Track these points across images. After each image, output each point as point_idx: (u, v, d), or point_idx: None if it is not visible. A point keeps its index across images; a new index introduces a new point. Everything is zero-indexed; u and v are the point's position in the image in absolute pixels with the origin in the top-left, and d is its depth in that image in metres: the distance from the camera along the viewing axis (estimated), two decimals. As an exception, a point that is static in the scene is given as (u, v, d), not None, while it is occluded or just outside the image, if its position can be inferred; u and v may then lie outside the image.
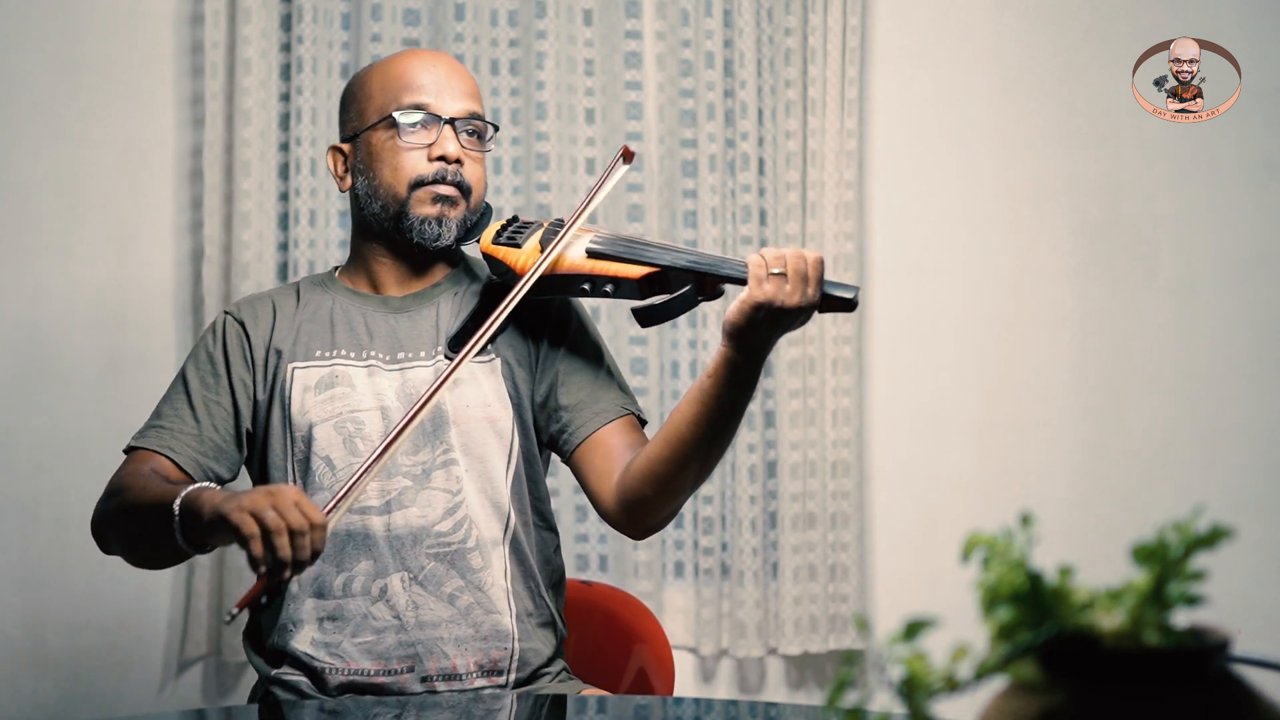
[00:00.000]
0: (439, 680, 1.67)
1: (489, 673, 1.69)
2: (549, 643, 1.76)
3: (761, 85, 2.71)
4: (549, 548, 1.80)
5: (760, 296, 1.50)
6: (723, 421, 1.58)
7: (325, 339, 1.77)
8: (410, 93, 1.75)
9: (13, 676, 2.48)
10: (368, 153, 1.77)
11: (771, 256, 1.51)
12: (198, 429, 1.73)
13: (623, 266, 1.65)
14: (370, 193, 1.77)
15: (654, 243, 1.69)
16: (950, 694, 0.67)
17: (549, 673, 1.75)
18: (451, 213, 1.75)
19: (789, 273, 1.50)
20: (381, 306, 1.79)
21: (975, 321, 2.83)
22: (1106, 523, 2.72)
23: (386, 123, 1.75)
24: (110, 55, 2.55)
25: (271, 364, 1.76)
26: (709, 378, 1.57)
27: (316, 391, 1.73)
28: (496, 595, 1.70)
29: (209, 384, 1.76)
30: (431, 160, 1.74)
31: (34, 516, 2.49)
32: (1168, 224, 2.86)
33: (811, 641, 2.69)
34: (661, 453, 1.62)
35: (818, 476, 2.70)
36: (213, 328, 1.81)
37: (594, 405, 1.75)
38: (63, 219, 2.53)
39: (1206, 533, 0.67)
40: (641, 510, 1.67)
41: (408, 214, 1.74)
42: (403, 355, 1.75)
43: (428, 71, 1.77)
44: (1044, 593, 0.68)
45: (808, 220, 2.71)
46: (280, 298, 1.83)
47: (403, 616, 1.67)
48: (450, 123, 1.75)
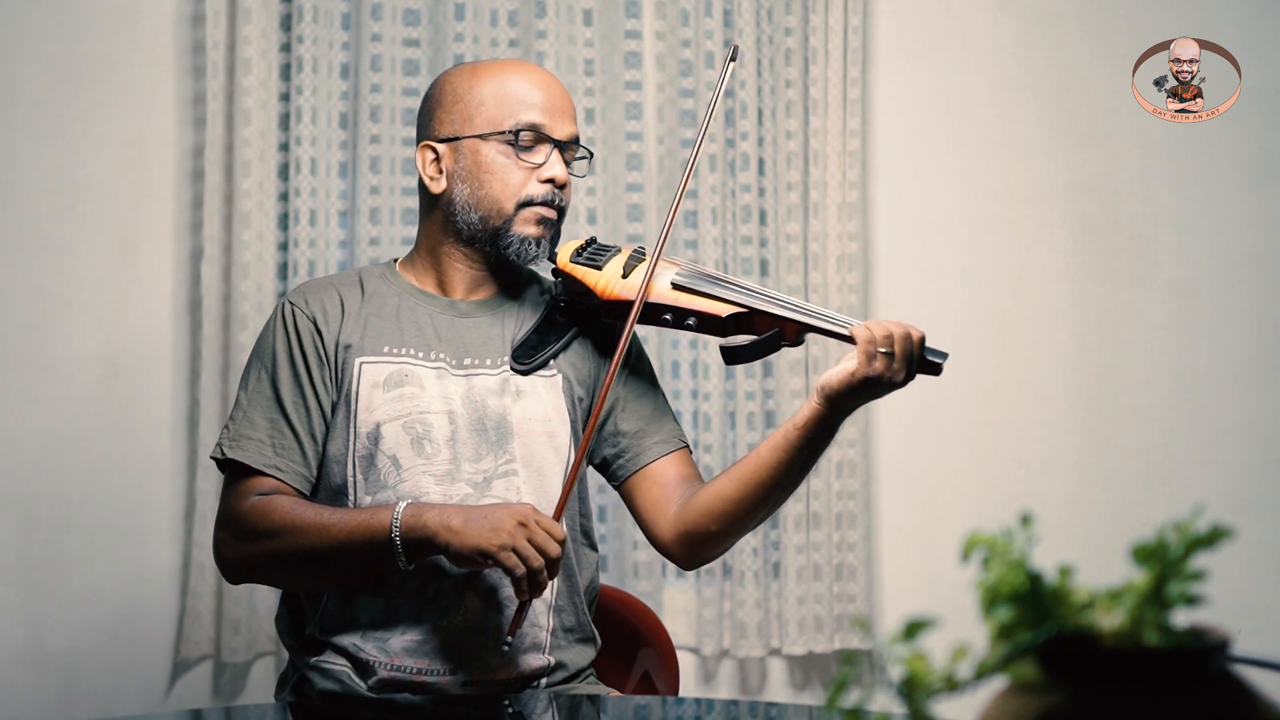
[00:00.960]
0: (478, 687, 1.68)
1: (527, 681, 1.70)
2: (586, 656, 1.77)
3: (761, 85, 2.71)
4: (592, 566, 1.82)
5: (870, 373, 1.56)
6: (800, 470, 1.66)
7: (394, 335, 1.75)
8: (526, 110, 1.75)
9: (13, 676, 2.48)
10: (474, 162, 1.75)
11: (881, 335, 1.56)
12: (297, 442, 1.71)
13: (708, 302, 1.68)
14: (471, 202, 1.75)
15: (737, 281, 1.72)
16: (950, 694, 0.67)
17: (578, 679, 1.77)
18: (548, 234, 1.77)
19: (897, 353, 1.56)
20: (449, 309, 1.78)
21: (976, 321, 2.83)
22: (1106, 523, 2.72)
23: (501, 137, 1.75)
24: (110, 55, 2.55)
25: (341, 358, 1.74)
26: (797, 430, 1.62)
27: (385, 389, 1.71)
28: (540, 609, 1.71)
29: (295, 388, 1.72)
30: (542, 182, 1.75)
31: (34, 516, 2.49)
32: (1167, 224, 2.86)
33: (816, 641, 2.69)
34: (735, 493, 1.67)
35: (822, 476, 2.70)
36: (282, 322, 1.75)
37: (654, 435, 1.78)
38: (63, 219, 2.53)
39: (1206, 533, 0.67)
40: (702, 544, 1.72)
41: (509, 230, 1.74)
42: (469, 361, 1.75)
43: (543, 90, 1.77)
44: (1044, 593, 0.68)
45: (810, 220, 2.71)
46: (344, 288, 1.80)
47: (452, 621, 1.67)
48: (559, 146, 1.76)
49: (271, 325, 1.76)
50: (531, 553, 1.53)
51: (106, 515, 2.50)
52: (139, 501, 2.52)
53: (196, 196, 2.55)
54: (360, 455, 1.70)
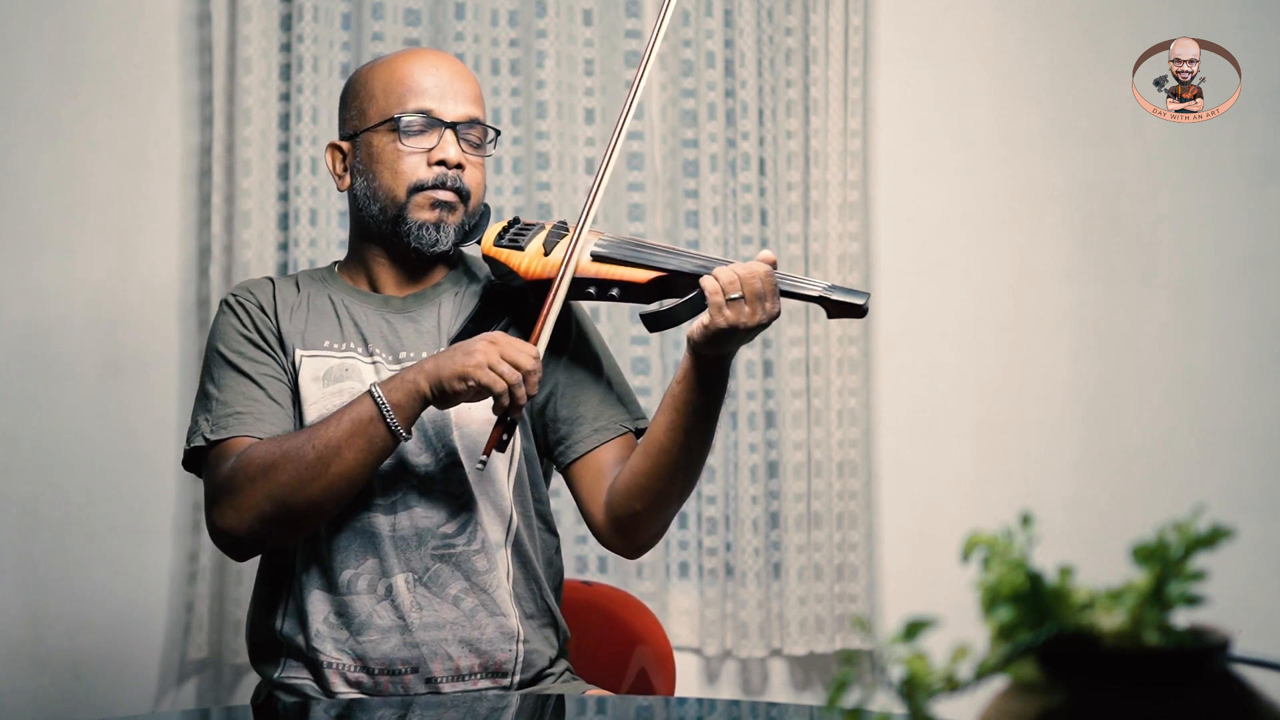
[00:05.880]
0: (443, 682, 1.67)
1: (493, 674, 1.70)
2: (552, 644, 1.76)
3: (762, 85, 2.71)
4: (550, 550, 1.80)
5: (722, 323, 1.53)
6: (699, 424, 1.61)
7: (334, 331, 1.76)
8: (413, 96, 1.74)
9: (13, 676, 2.48)
10: (368, 154, 1.76)
11: (726, 281, 1.53)
12: (273, 404, 1.70)
13: (629, 270, 1.65)
14: (369, 195, 1.76)
15: (659, 246, 1.69)
16: (950, 694, 0.67)
17: (553, 674, 1.75)
18: (450, 218, 1.75)
19: (746, 294, 1.52)
20: (383, 306, 1.78)
21: (976, 321, 2.83)
22: (1106, 523, 2.72)
23: (388, 125, 1.74)
24: (111, 55, 2.55)
25: (286, 345, 1.75)
26: (678, 384, 1.60)
27: (325, 383, 1.72)
28: (501, 598, 1.71)
29: (257, 358, 1.73)
30: (431, 165, 1.73)
31: (34, 516, 2.49)
32: (1168, 224, 2.86)
33: (818, 642, 2.69)
34: (643, 464, 1.65)
35: (823, 476, 2.70)
36: (230, 312, 1.76)
37: (593, 421, 1.76)
38: (63, 219, 2.53)
39: (1206, 533, 0.67)
40: (631, 526, 1.69)
41: (406, 218, 1.73)
42: (405, 355, 1.75)
43: (431, 74, 1.76)
44: (1044, 593, 0.68)
45: (811, 220, 2.71)
46: (281, 285, 1.81)
47: (407, 618, 1.67)
48: (452, 127, 1.75)
49: (219, 319, 1.77)
50: (506, 367, 1.56)
51: (106, 515, 2.50)
52: (139, 501, 2.52)
53: (204, 195, 2.56)
54: None
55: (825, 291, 1.56)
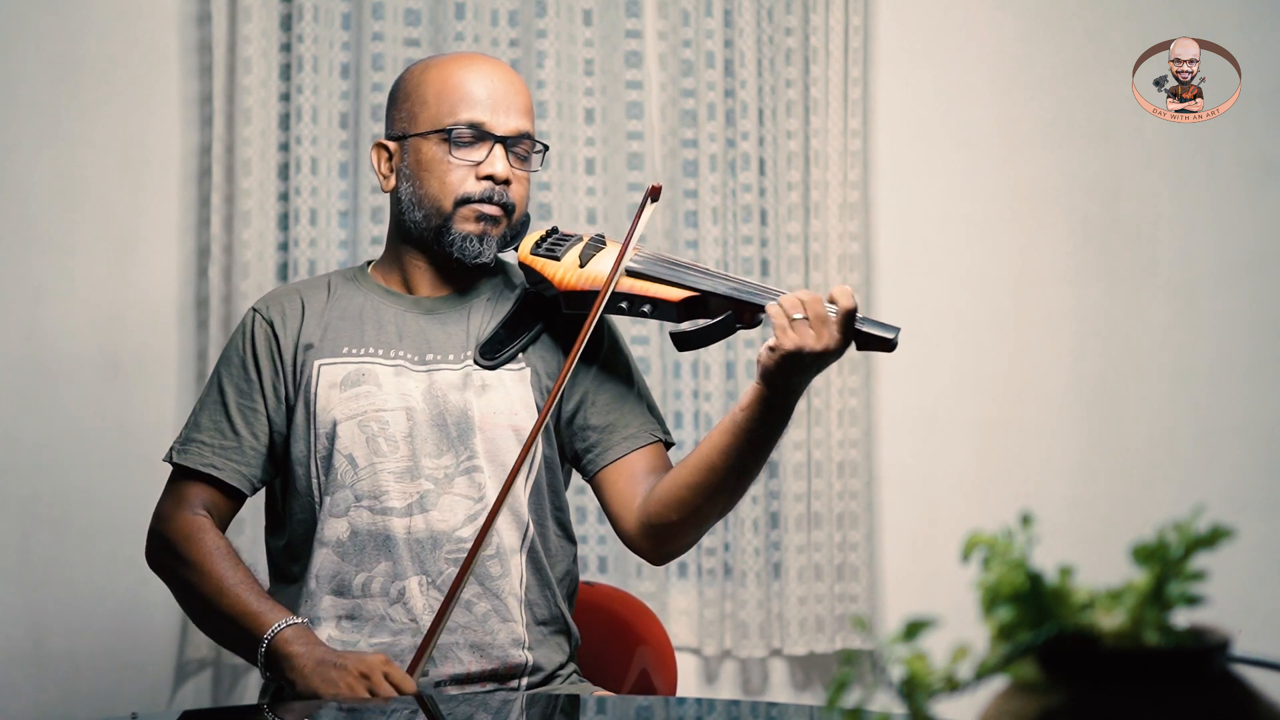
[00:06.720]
0: (452, 685, 1.68)
1: (502, 678, 1.70)
2: (563, 650, 1.77)
3: (762, 85, 2.71)
4: (569, 557, 1.81)
5: (787, 345, 1.51)
6: (753, 454, 1.61)
7: (354, 336, 1.76)
8: (465, 106, 1.74)
9: (13, 676, 2.48)
10: (415, 160, 1.76)
11: (790, 303, 1.52)
12: (238, 442, 1.74)
13: (662, 288, 1.66)
14: (414, 201, 1.75)
15: (695, 266, 1.70)
16: (950, 694, 0.67)
17: (560, 676, 1.76)
18: (494, 231, 1.75)
19: (810, 317, 1.51)
20: (413, 307, 1.78)
21: (976, 321, 2.83)
22: (1106, 523, 2.72)
23: (439, 135, 1.74)
24: (111, 55, 2.55)
25: (300, 360, 1.75)
26: (742, 411, 1.59)
27: (342, 388, 1.72)
28: (512, 604, 1.71)
29: (243, 390, 1.75)
30: (480, 179, 1.74)
31: (34, 516, 2.49)
32: (1168, 224, 2.86)
33: (818, 642, 2.69)
34: (690, 479, 1.64)
35: (823, 476, 2.69)
36: (242, 328, 1.79)
37: (624, 429, 1.76)
38: (62, 219, 2.53)
39: (1206, 533, 0.67)
40: (665, 536, 1.69)
41: (450, 229, 1.74)
42: (431, 357, 1.75)
43: (484, 84, 1.75)
44: (1044, 593, 0.68)
45: (811, 220, 2.71)
46: (309, 292, 1.82)
47: (419, 620, 1.67)
48: (502, 141, 1.74)
49: (235, 331, 1.82)
50: (362, 691, 1.55)
51: (106, 515, 2.50)
52: (139, 501, 2.51)
53: (203, 195, 2.55)
54: (320, 456, 1.72)
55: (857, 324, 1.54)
